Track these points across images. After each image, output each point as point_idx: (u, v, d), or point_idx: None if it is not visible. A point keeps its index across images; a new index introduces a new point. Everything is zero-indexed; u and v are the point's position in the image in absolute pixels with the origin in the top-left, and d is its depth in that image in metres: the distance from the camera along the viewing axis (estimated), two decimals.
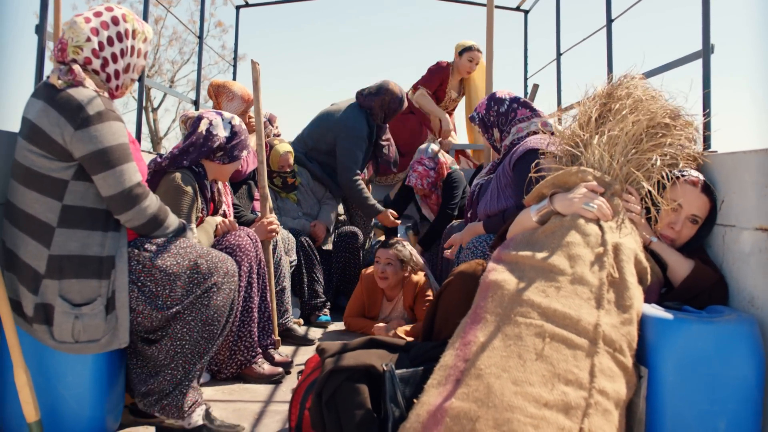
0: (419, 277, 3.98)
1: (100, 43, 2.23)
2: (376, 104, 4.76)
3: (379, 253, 3.95)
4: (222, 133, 2.90)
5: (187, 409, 2.28)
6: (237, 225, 3.05)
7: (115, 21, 2.27)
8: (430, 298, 3.82)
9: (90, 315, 2.11)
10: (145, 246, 2.27)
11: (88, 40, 2.21)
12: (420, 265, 4.02)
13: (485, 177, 3.32)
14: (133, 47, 2.34)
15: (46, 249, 2.10)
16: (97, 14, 2.26)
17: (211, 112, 2.98)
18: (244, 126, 3.02)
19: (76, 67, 2.16)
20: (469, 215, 3.36)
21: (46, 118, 2.09)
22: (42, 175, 2.11)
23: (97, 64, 2.24)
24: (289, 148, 4.42)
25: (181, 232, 2.40)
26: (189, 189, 2.76)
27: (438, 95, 5.95)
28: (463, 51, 5.84)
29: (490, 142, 3.29)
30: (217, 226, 2.95)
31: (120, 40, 2.28)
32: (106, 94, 2.23)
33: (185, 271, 2.27)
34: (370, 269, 4.09)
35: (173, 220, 2.37)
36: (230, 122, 2.97)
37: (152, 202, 2.27)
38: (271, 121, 4.89)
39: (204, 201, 2.90)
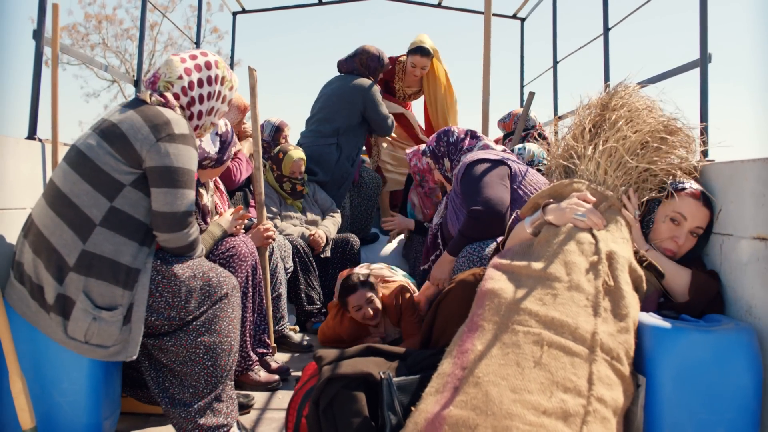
0: (391, 286, 3.60)
1: (191, 83, 2.38)
2: (357, 64, 5.06)
3: (354, 300, 3.48)
4: (212, 149, 2.91)
5: (212, 431, 2.24)
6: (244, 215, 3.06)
7: (207, 66, 2.44)
8: (411, 299, 3.58)
9: (108, 321, 2.10)
10: (167, 258, 2.28)
11: (180, 78, 2.36)
12: (382, 276, 3.70)
13: (441, 214, 3.40)
14: (219, 92, 2.49)
15: (82, 243, 2.11)
16: (193, 57, 2.43)
17: None
18: (229, 127, 3.02)
19: (170, 95, 2.30)
20: (433, 256, 3.40)
21: (130, 122, 2.17)
22: (102, 171, 2.13)
23: (184, 101, 2.37)
24: (302, 155, 4.46)
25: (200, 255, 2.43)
26: None
27: (390, 89, 5.66)
28: (409, 53, 5.36)
29: (441, 172, 3.44)
30: (232, 225, 2.97)
31: (209, 83, 2.44)
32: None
33: (200, 284, 2.28)
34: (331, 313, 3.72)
35: (201, 249, 2.41)
36: (217, 133, 2.96)
37: (195, 231, 2.32)
38: (281, 128, 4.92)
39: (197, 208, 2.88)
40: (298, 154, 4.44)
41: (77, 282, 2.10)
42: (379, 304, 3.52)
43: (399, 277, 3.83)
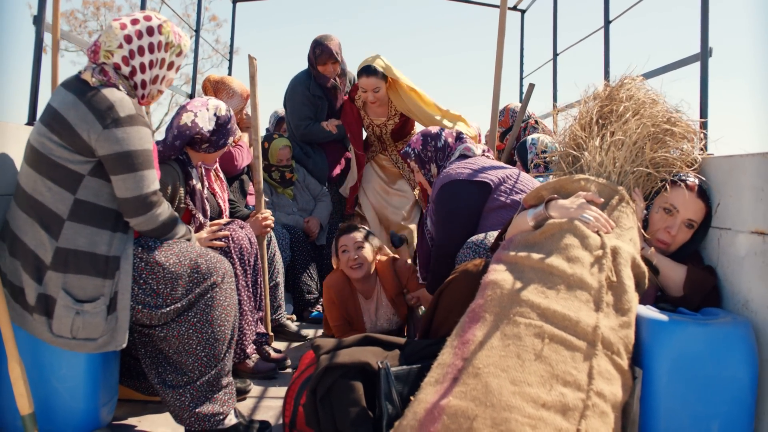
0: (385, 256, 3.47)
1: (131, 52, 2.23)
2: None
3: (343, 240, 3.40)
4: (206, 126, 2.81)
5: (209, 418, 2.25)
6: (216, 229, 2.89)
7: (150, 32, 2.27)
8: (406, 264, 3.55)
9: (92, 313, 2.10)
10: (149, 244, 2.26)
11: (120, 46, 2.21)
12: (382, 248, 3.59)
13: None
14: (163, 60, 2.33)
15: (54, 240, 2.09)
16: (134, 21, 2.26)
17: (197, 103, 2.87)
18: (230, 113, 2.93)
19: (110, 71, 2.18)
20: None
21: (74, 111, 2.09)
22: (58, 165, 2.10)
23: (126, 70, 2.24)
24: (287, 142, 4.47)
25: (185, 236, 2.39)
26: (169, 188, 2.67)
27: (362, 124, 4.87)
28: (357, 79, 4.58)
29: (427, 177, 3.27)
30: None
31: (151, 51, 2.28)
32: (135, 100, 2.23)
33: (186, 270, 2.26)
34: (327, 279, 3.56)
35: (181, 228, 2.37)
36: (216, 114, 2.86)
37: (165, 210, 2.27)
38: (284, 119, 4.91)
39: (186, 190, 2.82)
40: (283, 141, 4.46)
41: (56, 280, 2.09)
42: (368, 259, 3.37)
43: None
